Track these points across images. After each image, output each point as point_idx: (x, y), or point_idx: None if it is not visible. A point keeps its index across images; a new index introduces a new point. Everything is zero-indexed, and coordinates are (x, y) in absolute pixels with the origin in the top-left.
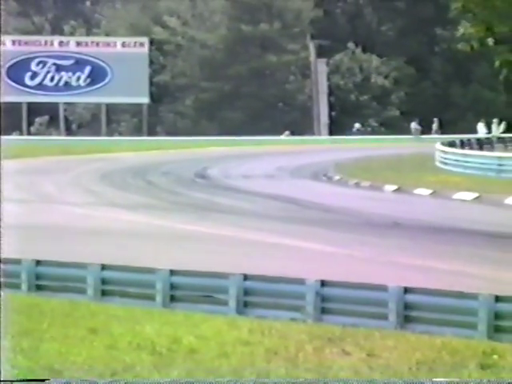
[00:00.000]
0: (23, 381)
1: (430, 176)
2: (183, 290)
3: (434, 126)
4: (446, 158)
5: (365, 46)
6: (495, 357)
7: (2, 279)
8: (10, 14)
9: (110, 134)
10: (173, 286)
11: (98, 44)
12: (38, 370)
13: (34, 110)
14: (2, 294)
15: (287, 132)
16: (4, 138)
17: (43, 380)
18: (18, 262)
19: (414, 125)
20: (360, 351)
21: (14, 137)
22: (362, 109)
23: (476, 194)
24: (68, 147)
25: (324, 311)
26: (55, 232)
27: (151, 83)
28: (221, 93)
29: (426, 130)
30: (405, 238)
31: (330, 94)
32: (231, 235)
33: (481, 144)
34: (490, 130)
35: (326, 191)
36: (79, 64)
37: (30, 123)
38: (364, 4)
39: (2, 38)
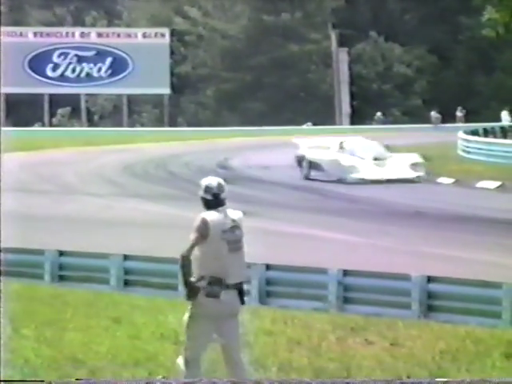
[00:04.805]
0: (23, 381)
1: (452, 165)
2: None
3: (459, 113)
4: (468, 147)
5: (387, 34)
6: None
7: (22, 269)
8: (32, 5)
9: (131, 124)
10: None
11: (119, 35)
12: (62, 360)
13: (56, 101)
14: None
15: (309, 123)
16: (27, 129)
17: (42, 381)
18: (41, 252)
19: (433, 114)
20: (383, 341)
21: (37, 128)
22: (384, 98)
23: (499, 183)
24: (90, 138)
25: (347, 301)
26: (78, 222)
27: (172, 74)
28: (242, 83)
29: (449, 118)
30: (427, 227)
31: (352, 83)
32: (253, 225)
33: (505, 132)
34: None
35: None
36: (100, 55)
37: (51, 115)
38: None
39: (24, 30)
